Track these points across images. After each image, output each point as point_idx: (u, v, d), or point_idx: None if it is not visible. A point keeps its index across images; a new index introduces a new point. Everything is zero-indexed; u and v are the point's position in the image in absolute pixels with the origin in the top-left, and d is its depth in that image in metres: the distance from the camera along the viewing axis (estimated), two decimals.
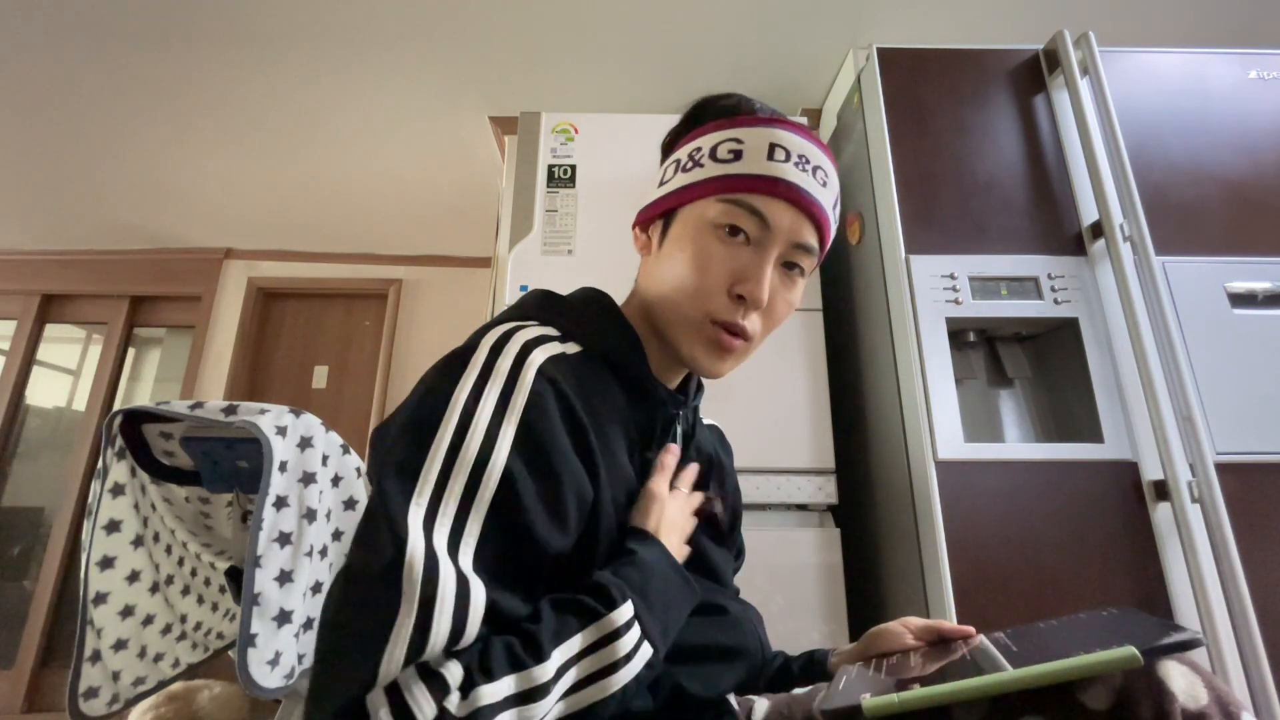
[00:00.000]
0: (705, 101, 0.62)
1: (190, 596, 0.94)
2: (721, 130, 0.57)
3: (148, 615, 0.90)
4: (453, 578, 0.39)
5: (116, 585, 0.87)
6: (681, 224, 0.57)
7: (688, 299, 0.55)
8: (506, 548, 0.43)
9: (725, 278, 0.54)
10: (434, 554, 0.39)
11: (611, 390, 0.55)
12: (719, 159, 0.55)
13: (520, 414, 0.46)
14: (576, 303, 0.60)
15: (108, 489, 0.87)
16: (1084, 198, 1.22)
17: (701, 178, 0.56)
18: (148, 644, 0.90)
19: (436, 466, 0.43)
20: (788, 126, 0.56)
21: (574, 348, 0.54)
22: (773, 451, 1.28)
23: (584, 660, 0.42)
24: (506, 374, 0.47)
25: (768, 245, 0.54)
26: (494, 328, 0.52)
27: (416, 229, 2.86)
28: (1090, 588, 1.00)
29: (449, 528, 0.41)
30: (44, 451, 2.85)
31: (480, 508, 0.43)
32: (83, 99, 1.99)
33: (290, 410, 0.84)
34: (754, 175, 0.54)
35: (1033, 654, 0.47)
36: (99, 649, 0.85)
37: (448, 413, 0.45)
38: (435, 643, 0.37)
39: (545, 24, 1.70)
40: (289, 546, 0.79)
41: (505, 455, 0.44)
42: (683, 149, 0.59)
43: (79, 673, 0.83)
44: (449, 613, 0.38)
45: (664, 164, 0.63)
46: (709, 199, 0.55)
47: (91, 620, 0.85)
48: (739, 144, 0.55)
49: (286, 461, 0.81)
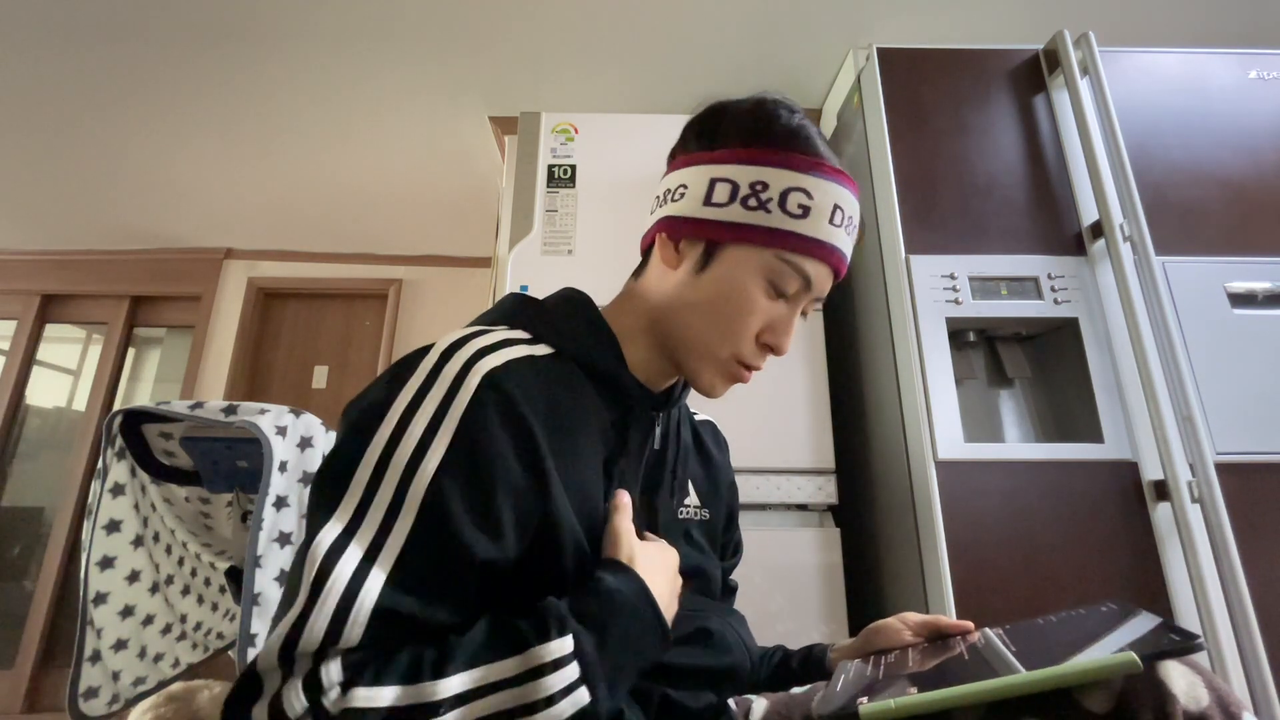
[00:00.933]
0: (768, 111, 0.58)
1: (190, 596, 0.95)
2: (790, 171, 0.54)
3: (148, 615, 0.90)
4: (347, 575, 0.39)
5: (116, 585, 0.88)
6: (732, 263, 0.55)
7: (719, 339, 0.56)
8: (432, 555, 0.42)
9: (759, 328, 0.56)
10: (336, 557, 0.40)
11: (584, 391, 0.53)
12: (788, 211, 0.54)
13: (457, 421, 0.45)
14: (551, 304, 0.59)
15: (108, 489, 0.87)
16: (1084, 198, 1.22)
17: (765, 224, 0.54)
18: (148, 644, 0.90)
19: (369, 471, 0.43)
20: (848, 183, 0.56)
21: (544, 349, 0.53)
22: (773, 451, 1.28)
23: (494, 695, 0.39)
24: (450, 381, 0.47)
25: (801, 301, 0.57)
26: (454, 335, 0.51)
27: (416, 229, 2.86)
28: (1090, 588, 1.00)
29: (373, 533, 0.41)
30: (44, 451, 2.85)
31: (408, 515, 0.42)
32: (83, 99, 1.99)
33: (290, 410, 0.84)
34: (816, 240, 0.54)
35: (1031, 653, 0.47)
36: (99, 649, 0.85)
37: (387, 417, 0.45)
38: (306, 642, 0.37)
39: (545, 24, 1.70)
40: (289, 546, 0.79)
41: (435, 463, 0.43)
42: (741, 171, 0.55)
43: (79, 673, 0.83)
44: (327, 614, 0.38)
45: (699, 164, 0.58)
46: (767, 250, 0.54)
47: (91, 620, 0.85)
48: (809, 200, 0.54)
49: (286, 461, 0.81)
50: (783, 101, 0.59)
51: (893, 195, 1.22)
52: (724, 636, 0.59)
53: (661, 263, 0.59)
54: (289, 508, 0.80)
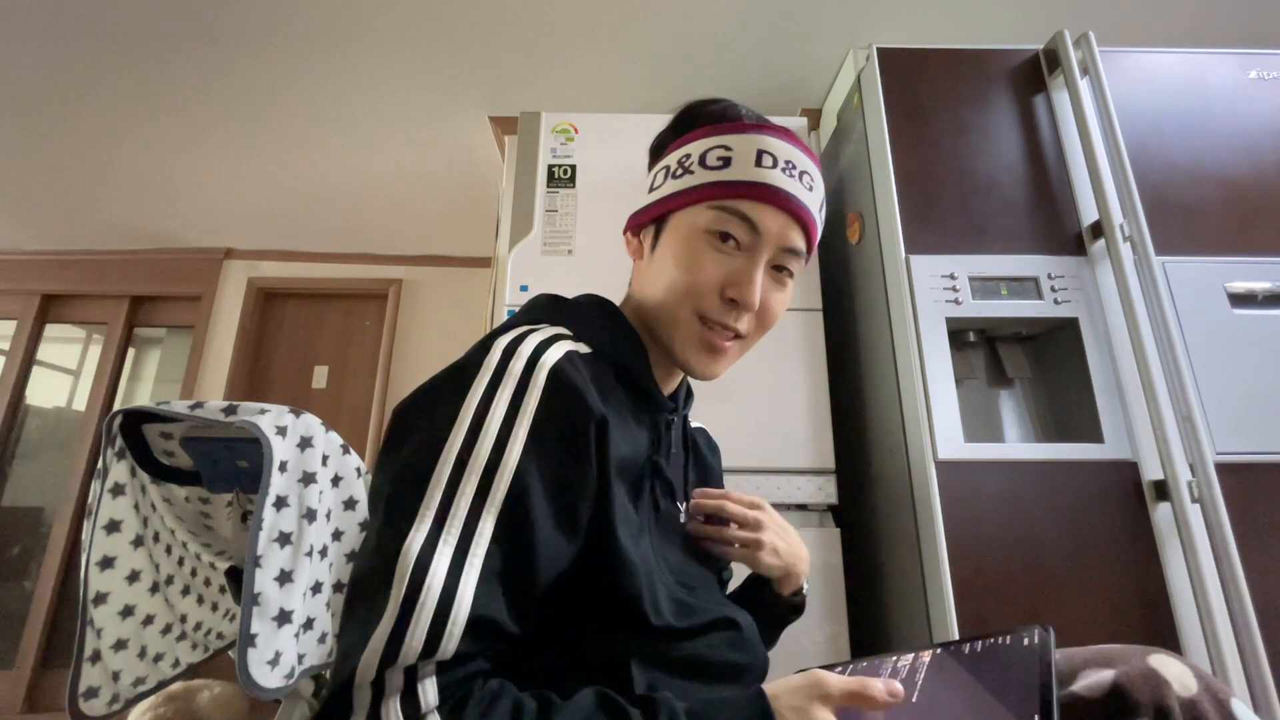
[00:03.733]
0: (692, 107, 0.63)
1: (190, 596, 0.95)
2: (710, 137, 0.57)
3: (148, 615, 0.90)
4: (439, 587, 0.38)
5: (116, 585, 0.87)
6: (673, 230, 0.58)
7: (679, 299, 0.56)
8: (512, 553, 0.42)
9: (717, 281, 0.55)
10: (428, 561, 0.39)
11: (618, 394, 0.55)
12: (709, 166, 0.56)
13: (532, 415, 0.45)
14: (584, 307, 0.61)
15: (108, 489, 0.87)
16: (1084, 198, 1.22)
17: (692, 184, 0.57)
18: (148, 644, 0.90)
19: (449, 470, 0.43)
20: (774, 132, 0.57)
21: (585, 349, 0.54)
22: (773, 451, 1.28)
23: None
24: (519, 376, 0.47)
25: (758, 250, 0.55)
26: (505, 333, 0.52)
27: (416, 229, 2.86)
28: (1090, 588, 1.00)
29: (458, 532, 0.41)
30: (44, 451, 2.85)
31: (491, 512, 0.42)
32: (83, 99, 1.98)
33: (290, 410, 0.84)
34: (743, 182, 0.55)
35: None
36: (99, 649, 0.85)
37: (460, 416, 0.45)
38: (408, 652, 0.37)
39: (545, 24, 1.70)
40: (289, 546, 0.79)
41: (516, 457, 0.44)
42: (672, 155, 0.60)
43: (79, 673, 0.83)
44: (425, 623, 0.37)
45: (653, 169, 0.64)
46: (700, 205, 0.56)
47: (91, 620, 0.85)
48: (728, 151, 0.56)
49: (286, 461, 0.81)
50: (713, 98, 0.62)
51: (893, 195, 1.22)
52: (751, 631, 0.60)
53: (631, 258, 0.64)
54: (289, 508, 0.80)
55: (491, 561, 0.41)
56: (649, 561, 0.52)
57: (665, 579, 0.54)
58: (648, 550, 0.53)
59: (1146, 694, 0.44)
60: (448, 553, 0.40)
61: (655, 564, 0.54)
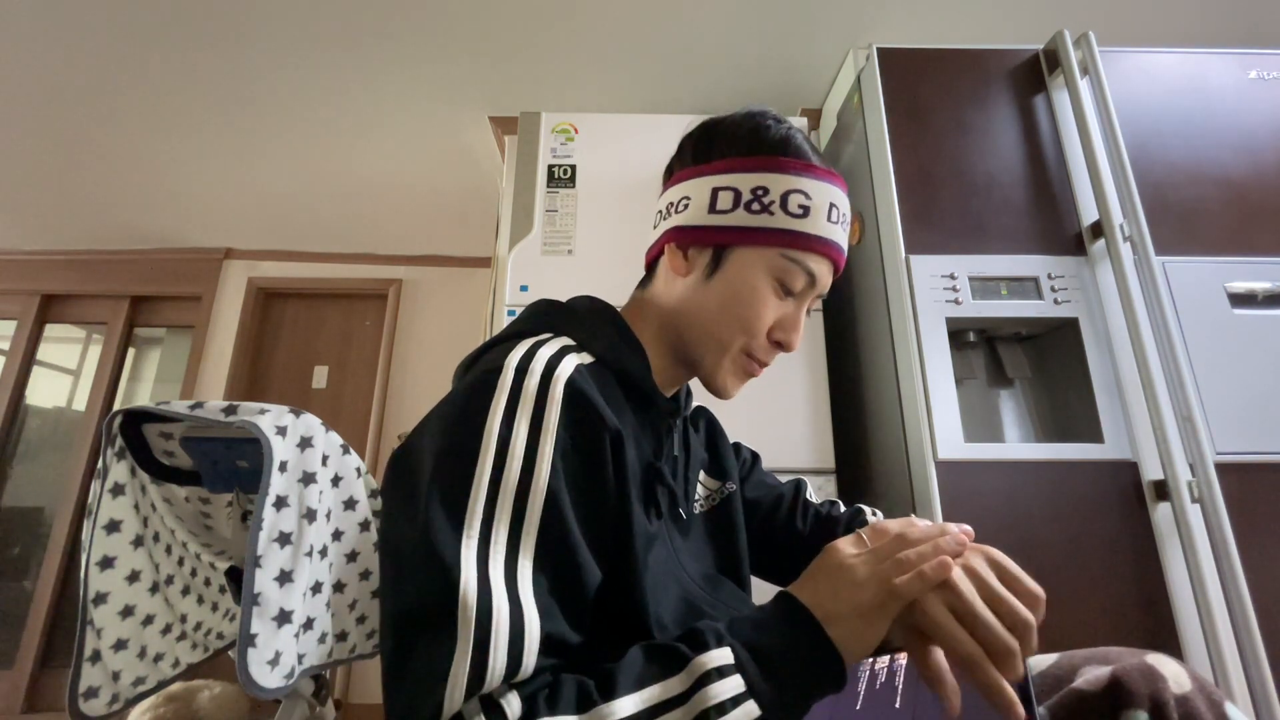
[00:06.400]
0: (758, 128, 0.59)
1: (190, 596, 0.94)
2: (788, 175, 0.57)
3: (148, 615, 0.90)
4: (506, 612, 0.39)
5: (116, 585, 0.87)
6: (739, 264, 0.59)
7: (733, 336, 0.59)
8: (559, 568, 0.43)
9: (770, 324, 0.59)
10: (487, 588, 0.39)
11: (623, 402, 0.55)
12: (790, 213, 0.57)
13: (555, 433, 0.46)
14: (583, 312, 0.61)
15: (108, 489, 0.87)
16: (1084, 198, 1.22)
17: (770, 225, 0.57)
18: (148, 644, 0.90)
19: (483, 495, 0.43)
20: (838, 182, 0.60)
21: (589, 358, 0.55)
22: (773, 451, 1.28)
23: (666, 713, 0.38)
24: (535, 394, 0.47)
25: (807, 298, 0.61)
26: (514, 346, 0.52)
27: (416, 229, 2.85)
28: (1090, 587, 1.00)
29: (504, 556, 0.42)
30: (44, 451, 2.85)
31: (530, 532, 0.43)
32: (83, 99, 1.98)
33: (290, 410, 0.84)
34: (818, 238, 0.57)
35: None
36: (99, 649, 0.85)
37: (484, 440, 0.45)
38: (493, 678, 0.38)
39: (545, 24, 1.70)
40: (289, 546, 0.79)
41: (546, 476, 0.44)
42: (741, 179, 0.58)
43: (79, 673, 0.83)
44: (504, 647, 0.38)
45: (699, 178, 0.60)
46: (773, 249, 0.58)
47: (91, 620, 0.85)
48: (808, 200, 0.57)
49: (286, 461, 0.81)
50: (770, 113, 0.62)
51: (893, 195, 1.22)
52: None
53: (670, 271, 0.62)
54: (289, 508, 0.80)
55: (541, 579, 0.42)
56: (658, 573, 0.53)
57: (679, 587, 0.55)
58: (659, 560, 0.54)
59: (1143, 687, 0.45)
60: (499, 577, 0.40)
61: (673, 569, 0.55)
